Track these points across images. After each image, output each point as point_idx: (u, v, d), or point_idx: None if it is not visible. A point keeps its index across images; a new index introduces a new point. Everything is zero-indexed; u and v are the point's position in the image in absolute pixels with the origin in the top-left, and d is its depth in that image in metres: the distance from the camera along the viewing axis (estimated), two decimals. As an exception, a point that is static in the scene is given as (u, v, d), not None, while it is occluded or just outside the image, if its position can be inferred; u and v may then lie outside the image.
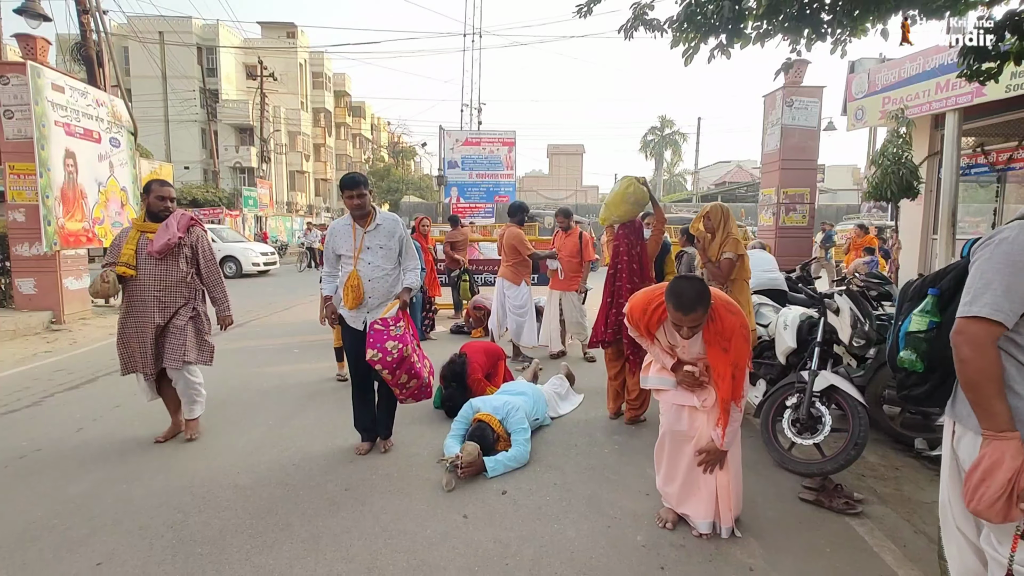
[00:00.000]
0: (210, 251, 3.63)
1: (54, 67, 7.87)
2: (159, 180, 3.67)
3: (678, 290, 2.12)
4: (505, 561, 2.30)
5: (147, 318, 3.37)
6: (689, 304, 2.09)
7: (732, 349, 2.23)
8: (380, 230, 3.24)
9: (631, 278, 3.87)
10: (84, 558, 2.29)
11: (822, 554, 2.39)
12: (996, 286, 1.33)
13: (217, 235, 15.40)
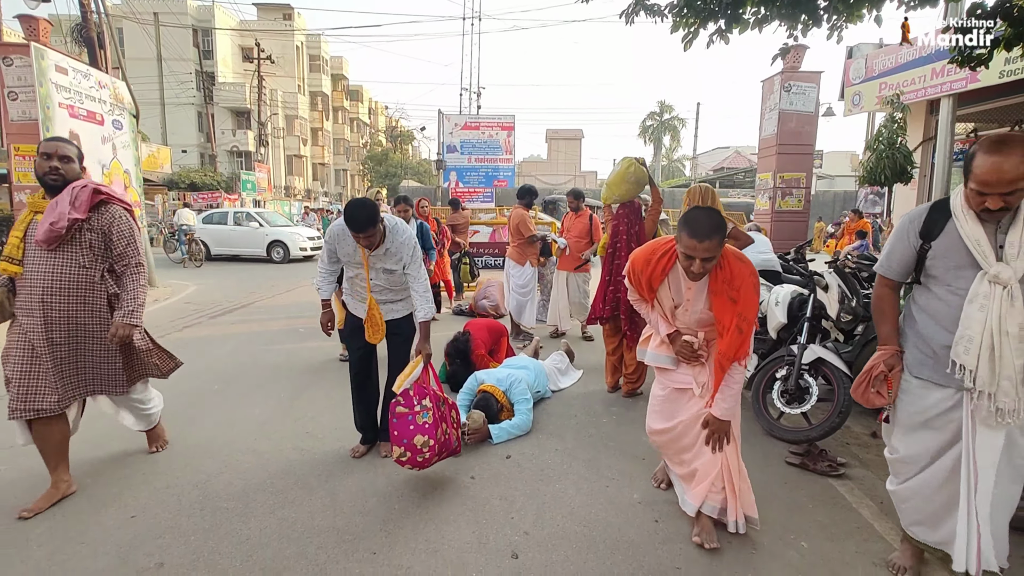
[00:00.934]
0: (130, 237, 2.64)
1: (57, 48, 7.90)
2: (52, 137, 2.92)
3: (694, 217, 1.98)
4: (511, 515, 2.48)
5: (36, 334, 2.42)
6: (706, 231, 1.94)
7: (741, 299, 2.07)
8: (388, 256, 2.82)
9: (629, 256, 3.99)
10: (118, 512, 2.45)
11: (805, 509, 2.57)
12: (885, 256, 2.03)
13: (264, 219, 14.80)
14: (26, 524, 2.35)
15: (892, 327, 2.02)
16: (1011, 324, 1.70)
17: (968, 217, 1.79)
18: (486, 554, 2.19)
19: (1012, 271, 1.71)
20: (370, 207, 2.59)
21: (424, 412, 2.56)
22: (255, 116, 30.07)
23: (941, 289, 1.88)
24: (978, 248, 1.76)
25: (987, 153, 1.69)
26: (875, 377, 1.97)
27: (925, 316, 1.94)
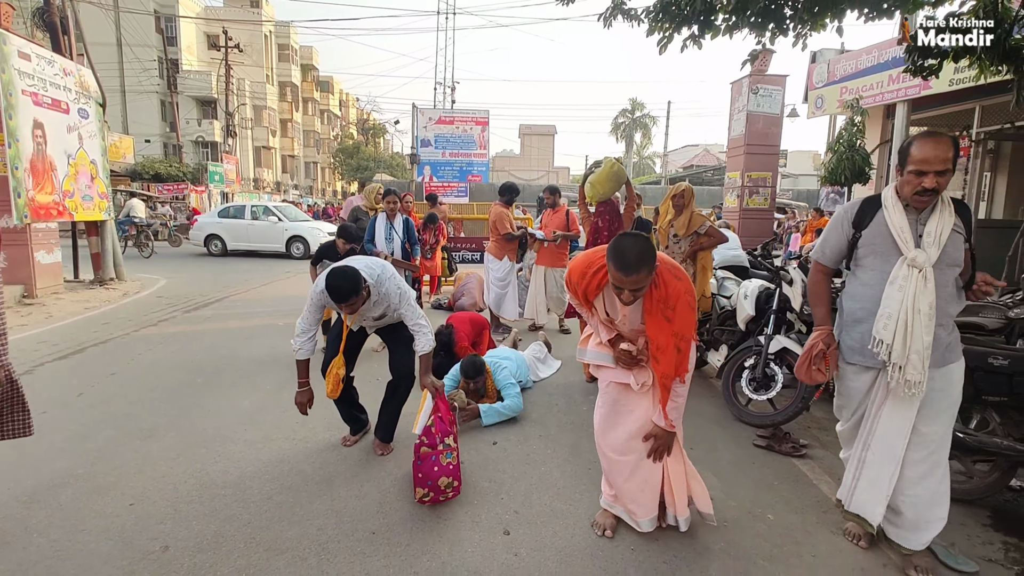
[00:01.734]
0: None
1: (19, 34, 7.63)
2: None
3: (621, 248, 1.87)
4: (500, 496, 2.62)
5: None
6: (633, 263, 1.84)
7: (676, 318, 1.99)
8: (376, 306, 2.79)
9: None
10: (116, 499, 2.50)
11: (770, 486, 2.79)
12: (820, 245, 2.25)
13: (283, 214, 14.28)
14: (25, 512, 2.39)
15: (826, 310, 2.24)
16: (923, 303, 1.93)
17: (896, 208, 2.02)
18: (480, 531, 2.33)
19: (927, 256, 1.94)
20: (351, 276, 2.51)
21: (448, 452, 2.54)
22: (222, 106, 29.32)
23: (867, 275, 2.12)
24: (901, 235, 1.99)
25: (922, 140, 1.93)
26: (815, 356, 2.17)
27: (853, 303, 2.17)
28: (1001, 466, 2.72)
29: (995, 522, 2.58)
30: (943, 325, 2.01)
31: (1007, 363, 2.56)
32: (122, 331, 5.93)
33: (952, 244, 1.97)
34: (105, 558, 2.09)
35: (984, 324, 3.35)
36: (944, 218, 1.97)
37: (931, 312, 1.94)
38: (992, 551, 2.34)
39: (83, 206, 8.71)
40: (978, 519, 2.59)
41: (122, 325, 6.24)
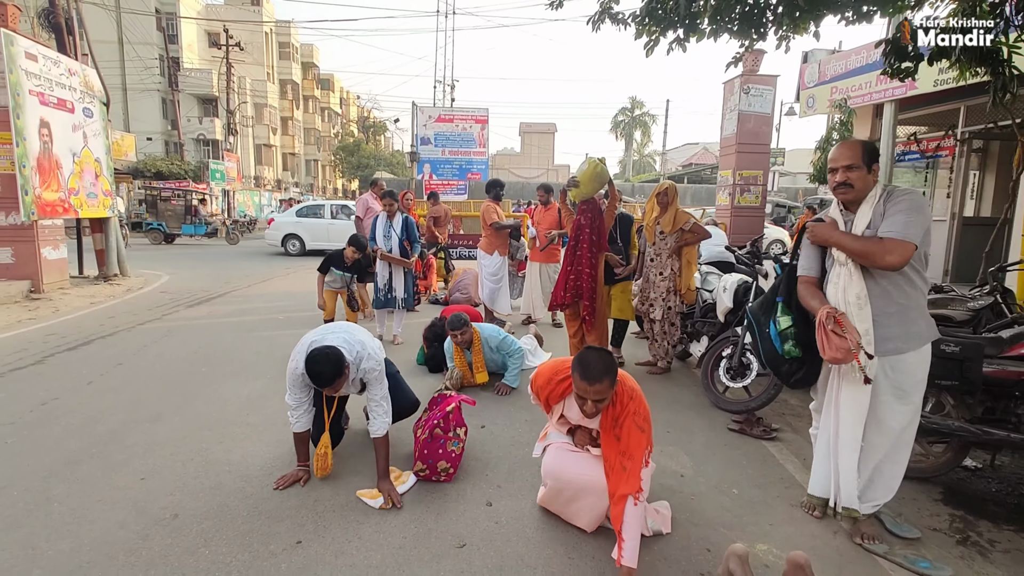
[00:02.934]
0: None
1: (25, 34, 7.81)
2: None
3: (586, 359, 2.00)
4: (486, 473, 2.81)
5: None
6: (596, 373, 1.96)
7: (623, 437, 2.06)
8: (354, 384, 2.65)
9: (590, 248, 4.36)
10: (128, 475, 2.70)
11: (739, 465, 2.99)
12: (802, 257, 2.40)
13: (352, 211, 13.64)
14: (45, 486, 2.58)
15: (816, 300, 2.24)
16: (851, 294, 2.13)
17: (836, 210, 2.27)
18: (465, 502, 2.53)
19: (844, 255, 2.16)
20: (334, 359, 2.35)
21: (455, 441, 2.72)
22: (223, 104, 29.49)
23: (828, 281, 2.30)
24: None
25: (835, 146, 2.25)
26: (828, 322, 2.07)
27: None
28: (954, 447, 2.90)
29: (946, 497, 2.76)
30: (889, 314, 2.11)
31: (958, 350, 2.74)
32: (127, 324, 6.13)
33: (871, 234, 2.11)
34: (121, 524, 2.28)
35: (952, 316, 3.55)
36: (864, 210, 2.15)
37: (859, 302, 2.11)
38: (938, 522, 2.53)
39: (88, 203, 8.91)
40: (930, 495, 2.78)
41: (127, 319, 6.44)
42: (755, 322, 2.49)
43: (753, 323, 2.50)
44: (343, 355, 2.42)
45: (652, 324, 4.67)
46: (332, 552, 2.14)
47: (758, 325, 2.47)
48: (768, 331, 2.39)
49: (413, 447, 2.77)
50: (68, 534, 2.21)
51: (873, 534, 2.29)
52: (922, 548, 2.28)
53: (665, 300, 4.54)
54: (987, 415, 2.85)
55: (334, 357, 2.37)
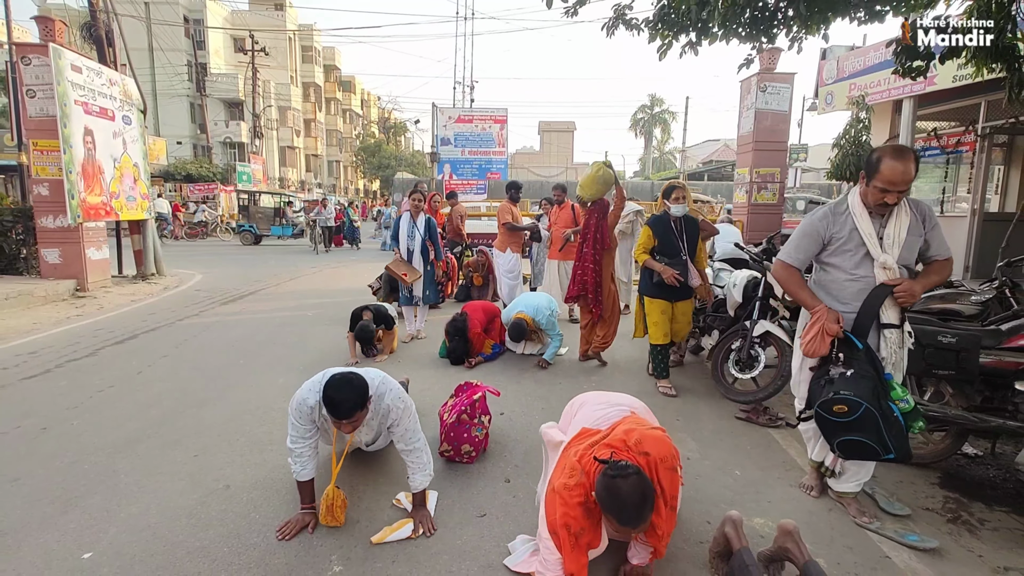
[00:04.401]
0: None
1: (72, 48, 8.28)
2: None
3: (622, 501, 1.67)
4: (504, 454, 3.04)
5: None
6: (636, 516, 1.68)
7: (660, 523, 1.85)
8: (364, 429, 2.50)
9: (594, 245, 4.65)
10: (182, 453, 2.99)
11: (744, 450, 3.16)
12: (791, 243, 2.47)
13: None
14: (111, 460, 2.89)
15: (810, 292, 2.44)
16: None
17: (864, 216, 2.29)
18: (485, 479, 2.76)
19: (892, 258, 2.26)
20: (357, 384, 2.11)
21: (479, 428, 2.94)
22: (248, 107, 30.26)
23: (835, 270, 2.41)
24: (870, 240, 2.28)
25: (894, 159, 2.13)
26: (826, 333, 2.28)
27: (823, 292, 2.47)
28: (953, 434, 3.03)
29: (943, 481, 2.90)
30: None
31: (954, 341, 2.88)
32: (167, 320, 6.50)
33: (908, 246, 2.26)
34: (180, 493, 2.57)
35: (960, 310, 3.66)
36: (901, 220, 2.25)
37: (897, 304, 2.29)
38: (932, 503, 2.67)
39: (127, 206, 9.39)
40: (928, 479, 2.92)
41: (167, 315, 6.83)
42: (879, 414, 2.15)
43: (877, 415, 2.15)
44: (367, 384, 2.17)
45: (665, 319, 4.84)
46: (367, 518, 2.38)
47: (883, 416, 2.16)
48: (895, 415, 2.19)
49: (439, 429, 3.01)
50: (135, 500, 2.50)
51: (864, 509, 2.46)
52: (911, 524, 2.44)
53: (677, 296, 4.70)
54: (985, 403, 2.98)
55: (358, 384, 2.12)
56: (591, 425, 2.18)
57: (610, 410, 2.25)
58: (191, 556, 2.11)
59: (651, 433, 1.94)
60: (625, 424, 2.06)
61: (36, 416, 3.49)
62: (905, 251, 2.27)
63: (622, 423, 2.08)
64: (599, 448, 1.90)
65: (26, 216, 8.52)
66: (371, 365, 4.65)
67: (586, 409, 2.35)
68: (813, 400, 2.35)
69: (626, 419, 2.13)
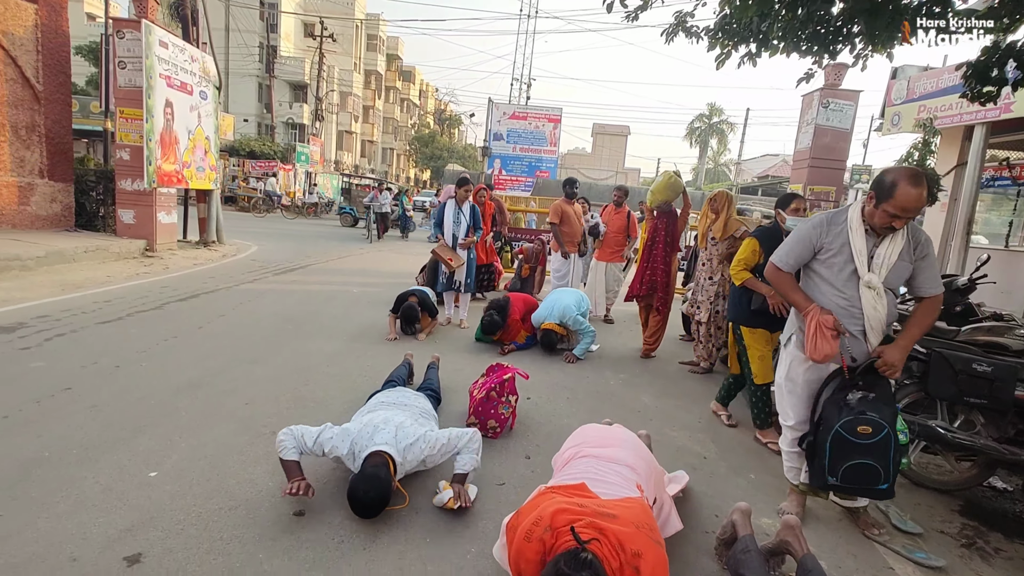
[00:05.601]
0: None
1: (161, 24, 8.90)
2: None
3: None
4: (527, 435, 3.20)
5: None
6: None
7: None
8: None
9: (665, 248, 5.08)
10: (236, 400, 3.29)
11: (761, 456, 3.21)
12: (784, 248, 2.44)
13: None
14: (173, 399, 3.20)
15: (803, 294, 2.39)
16: (879, 317, 2.26)
17: (859, 232, 2.24)
18: (507, 455, 2.92)
19: (877, 278, 2.22)
20: (383, 484, 2.12)
21: (505, 406, 3.13)
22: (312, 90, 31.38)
23: (821, 281, 2.37)
24: (859, 258, 2.24)
25: (909, 185, 2.05)
26: (831, 326, 2.23)
27: None
28: (980, 464, 3.00)
29: (963, 509, 2.88)
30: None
31: (989, 370, 2.86)
32: (225, 284, 6.95)
33: (896, 270, 2.22)
34: (233, 433, 2.84)
35: (1008, 345, 3.59)
36: (896, 242, 2.21)
37: (882, 324, 2.27)
38: (948, 527, 2.67)
39: (196, 176, 10.01)
40: (948, 505, 2.91)
41: (225, 280, 7.29)
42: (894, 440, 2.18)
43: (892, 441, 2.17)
44: (391, 475, 2.21)
45: (699, 326, 4.89)
46: (395, 474, 2.59)
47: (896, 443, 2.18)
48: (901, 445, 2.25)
49: (468, 404, 3.19)
50: (193, 435, 2.79)
51: (873, 522, 2.49)
52: (922, 543, 2.46)
53: (712, 304, 4.75)
54: (1019, 436, 2.94)
55: (383, 482, 2.13)
56: (588, 479, 1.94)
57: (615, 476, 2.00)
58: (240, 485, 2.36)
59: (653, 549, 1.62)
60: (629, 517, 1.70)
61: (110, 356, 3.87)
62: (892, 274, 2.23)
63: (626, 509, 1.75)
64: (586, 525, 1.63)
65: (107, 178, 9.22)
66: (410, 341, 4.89)
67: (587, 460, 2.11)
68: (830, 423, 2.23)
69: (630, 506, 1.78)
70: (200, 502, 2.22)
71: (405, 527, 2.18)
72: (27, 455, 2.46)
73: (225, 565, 1.88)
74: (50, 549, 1.88)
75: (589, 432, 2.41)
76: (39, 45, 8.36)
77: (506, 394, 3.17)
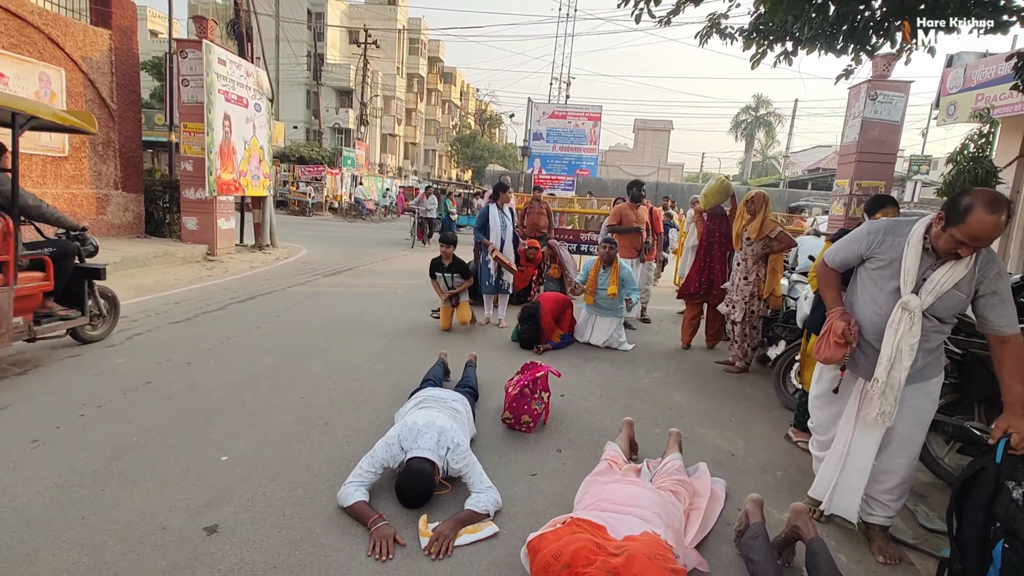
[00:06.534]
0: None
1: (219, 43, 9.51)
2: None
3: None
4: (559, 430, 3.36)
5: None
6: None
7: None
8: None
9: (720, 248, 5.45)
10: (291, 393, 3.60)
11: (791, 454, 3.27)
12: (837, 245, 2.41)
13: None
14: (238, 392, 3.54)
15: (837, 293, 2.37)
16: (905, 344, 2.11)
17: (915, 250, 2.08)
18: (540, 448, 3.10)
19: (919, 302, 2.07)
20: (427, 479, 2.35)
21: (538, 402, 3.29)
22: (357, 96, 32.37)
23: (864, 290, 2.30)
24: (906, 277, 2.10)
25: (986, 212, 1.83)
26: (840, 333, 2.19)
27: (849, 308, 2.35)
28: (1018, 466, 2.97)
29: (999, 511, 2.86)
30: (930, 350, 2.19)
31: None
32: (280, 286, 7.41)
33: (948, 298, 2.05)
34: (291, 424, 3.14)
35: None
36: (957, 270, 2.01)
37: (911, 353, 2.10)
38: (980, 528, 2.67)
39: (252, 184, 10.63)
40: (983, 506, 2.89)
41: (279, 282, 7.76)
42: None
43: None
44: (435, 471, 2.41)
45: (734, 326, 4.92)
46: (436, 463, 2.81)
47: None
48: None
49: (503, 399, 3.39)
50: (257, 424, 3.10)
51: (891, 552, 2.33)
52: (949, 541, 2.48)
53: (748, 304, 4.78)
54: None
55: (427, 473, 2.36)
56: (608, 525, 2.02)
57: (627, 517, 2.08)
58: (299, 470, 2.64)
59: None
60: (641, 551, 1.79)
61: (182, 353, 4.28)
62: (940, 303, 2.07)
63: (640, 545, 1.84)
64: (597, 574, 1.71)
65: (172, 188, 9.93)
66: (446, 338, 5.14)
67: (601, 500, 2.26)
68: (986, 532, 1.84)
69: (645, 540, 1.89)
70: (264, 483, 2.50)
71: (446, 511, 2.39)
72: (120, 440, 2.82)
73: (288, 537, 2.14)
74: (143, 519, 2.19)
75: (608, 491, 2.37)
76: (113, 68, 9.10)
77: (539, 391, 3.34)
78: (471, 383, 3.64)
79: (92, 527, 2.12)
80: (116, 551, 2.00)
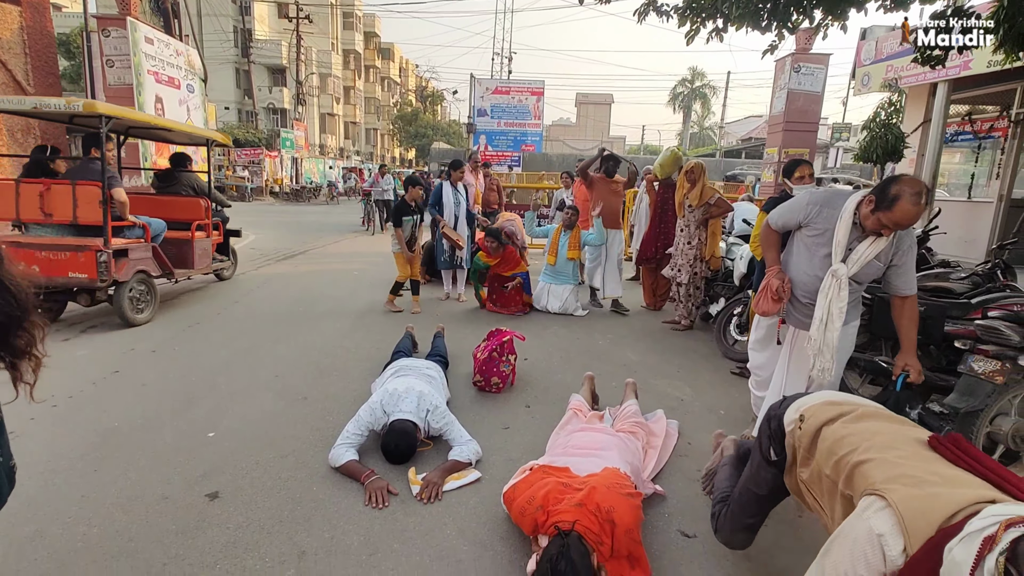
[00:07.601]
0: None
1: (144, 21, 9.01)
2: None
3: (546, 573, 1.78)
4: (526, 389, 3.64)
5: None
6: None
7: None
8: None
9: (673, 215, 5.58)
10: (266, 374, 3.70)
11: (732, 396, 3.68)
12: (780, 209, 2.65)
13: None
14: (211, 376, 3.61)
15: (776, 253, 2.66)
16: (835, 307, 2.37)
17: (846, 224, 2.33)
18: (510, 405, 3.37)
19: (846, 270, 2.34)
20: (409, 433, 2.59)
21: (506, 364, 3.55)
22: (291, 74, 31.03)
23: (800, 252, 2.56)
24: (836, 248, 2.36)
25: (912, 204, 2.10)
26: (775, 290, 2.53)
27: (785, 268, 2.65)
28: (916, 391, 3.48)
29: (902, 429, 3.37)
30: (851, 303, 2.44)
31: (923, 310, 3.31)
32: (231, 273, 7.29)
33: (869, 267, 2.34)
34: (270, 401, 3.27)
35: (952, 288, 4.05)
36: (878, 244, 2.28)
37: (841, 315, 2.37)
38: (886, 443, 3.16)
39: (191, 169, 10.20)
40: (889, 427, 3.39)
41: (231, 269, 7.61)
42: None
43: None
44: (417, 428, 2.65)
45: (679, 287, 5.33)
46: (416, 425, 3.03)
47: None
48: None
49: (473, 365, 3.62)
50: (238, 403, 3.21)
51: None
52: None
53: (692, 266, 5.18)
54: (950, 366, 3.41)
55: (410, 431, 2.59)
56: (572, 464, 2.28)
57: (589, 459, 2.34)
58: (287, 440, 2.79)
59: (623, 501, 1.96)
60: (602, 483, 2.05)
61: (145, 342, 4.27)
62: (862, 272, 2.36)
63: (600, 478, 2.10)
64: (566, 509, 1.93)
65: (104, 176, 9.42)
66: (412, 317, 5.29)
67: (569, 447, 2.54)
68: None
69: (604, 474, 2.15)
70: (255, 453, 2.65)
71: (430, 465, 2.61)
72: (101, 426, 2.88)
73: (288, 496, 2.31)
74: (144, 491, 2.30)
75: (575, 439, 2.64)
76: (26, 48, 8.47)
77: (506, 354, 3.60)
78: (441, 352, 3.85)
79: (94, 502, 2.22)
80: (123, 521, 2.12)
